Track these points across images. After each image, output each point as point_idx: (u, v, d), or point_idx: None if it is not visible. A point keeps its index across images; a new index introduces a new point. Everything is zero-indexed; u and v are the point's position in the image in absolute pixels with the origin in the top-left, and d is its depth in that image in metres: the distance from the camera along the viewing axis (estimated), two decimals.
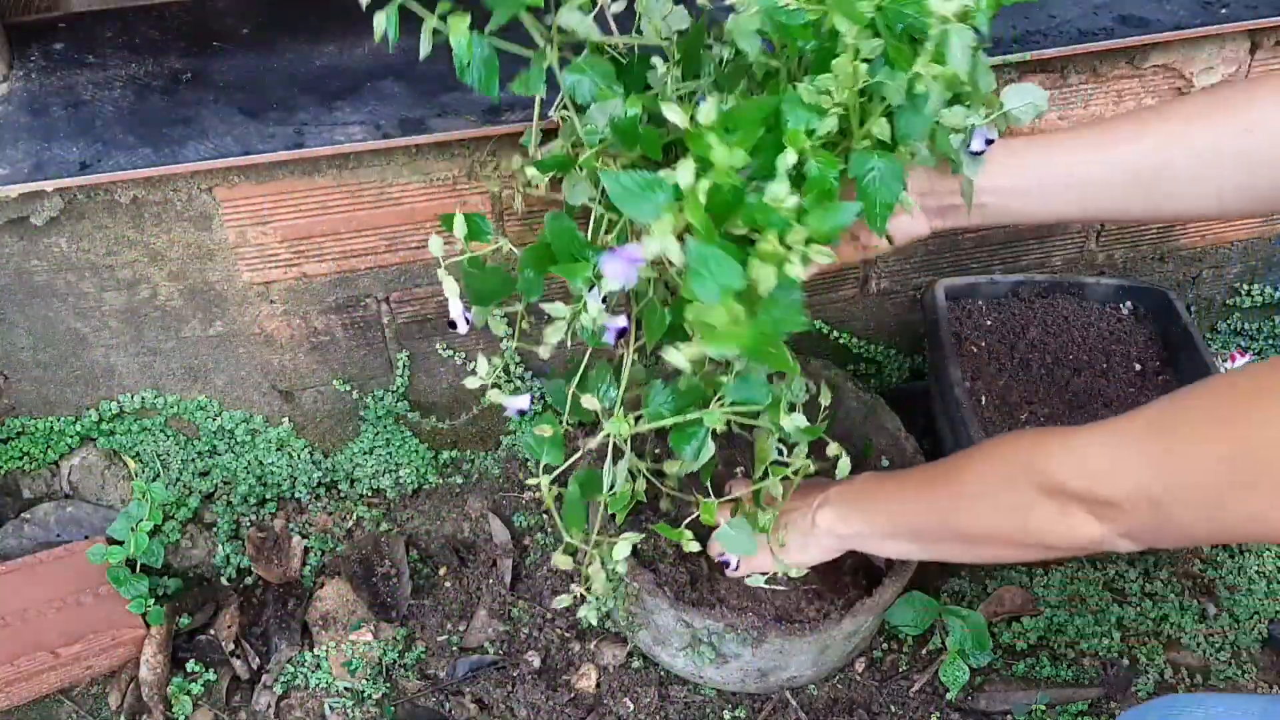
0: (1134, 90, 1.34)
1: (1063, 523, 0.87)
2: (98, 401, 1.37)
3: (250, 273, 1.27)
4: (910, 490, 1.06)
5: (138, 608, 1.30)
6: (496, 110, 1.19)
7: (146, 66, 1.24)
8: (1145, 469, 0.80)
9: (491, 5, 0.89)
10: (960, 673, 1.30)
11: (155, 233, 1.22)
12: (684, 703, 1.30)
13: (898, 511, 1.07)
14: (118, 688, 1.33)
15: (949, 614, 1.32)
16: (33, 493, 1.43)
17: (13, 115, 1.18)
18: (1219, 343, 1.65)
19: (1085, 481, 0.84)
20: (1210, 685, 1.33)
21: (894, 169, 0.87)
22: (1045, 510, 0.88)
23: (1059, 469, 0.86)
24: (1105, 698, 1.32)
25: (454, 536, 1.48)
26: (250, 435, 1.43)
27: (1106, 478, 0.83)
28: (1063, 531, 0.87)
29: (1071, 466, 0.85)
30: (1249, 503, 0.75)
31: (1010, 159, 0.96)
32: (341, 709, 1.31)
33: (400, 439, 1.47)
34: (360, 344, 1.38)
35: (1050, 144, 0.96)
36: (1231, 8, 1.29)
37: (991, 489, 0.94)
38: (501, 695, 1.31)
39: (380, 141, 1.16)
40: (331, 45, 1.26)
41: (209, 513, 1.45)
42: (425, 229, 1.27)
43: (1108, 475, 0.83)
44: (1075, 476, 0.85)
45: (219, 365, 1.36)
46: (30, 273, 1.22)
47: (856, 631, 1.20)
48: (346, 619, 1.38)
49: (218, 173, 1.17)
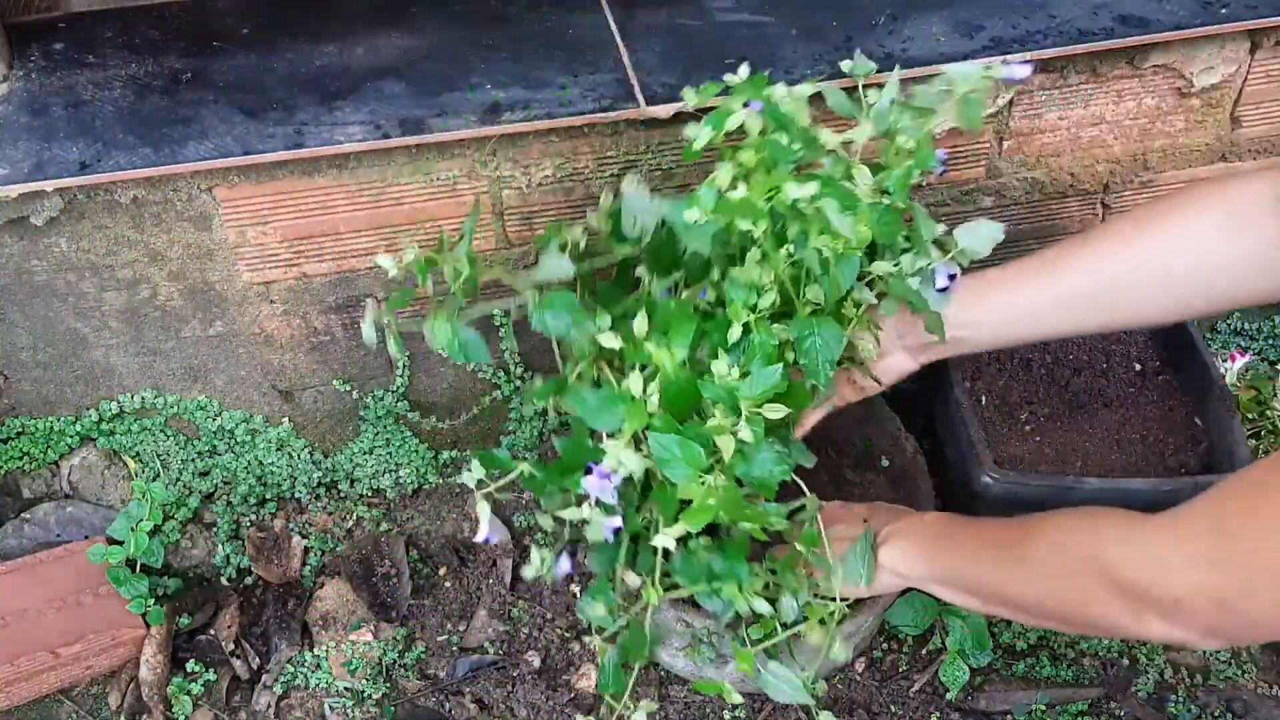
0: (1134, 90, 1.35)
1: (1132, 619, 0.83)
2: (98, 401, 1.37)
3: (250, 273, 1.27)
4: (979, 550, 1.02)
5: (138, 608, 1.30)
6: (496, 110, 1.19)
7: (146, 66, 1.24)
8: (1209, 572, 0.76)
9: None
10: (960, 673, 1.30)
11: (155, 233, 1.22)
12: (684, 703, 1.30)
13: (963, 567, 1.02)
14: (118, 688, 1.33)
15: (949, 614, 1.32)
16: (33, 493, 1.43)
17: (13, 115, 1.18)
18: (1219, 343, 1.64)
19: (1147, 581, 0.80)
20: (1210, 686, 1.33)
21: (831, 331, 0.97)
22: (1110, 605, 0.84)
23: (1124, 566, 0.82)
24: (1105, 698, 1.32)
25: (454, 536, 1.48)
26: (250, 435, 1.43)
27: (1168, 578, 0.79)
28: (1132, 627, 0.84)
29: (1134, 565, 0.82)
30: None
31: (977, 298, 1.04)
32: (341, 709, 1.31)
33: (400, 439, 1.47)
34: (360, 344, 1.38)
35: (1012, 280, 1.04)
36: (1231, 8, 1.29)
37: (1058, 573, 0.90)
38: (501, 695, 1.31)
39: (380, 141, 1.16)
40: (331, 45, 1.27)
41: (209, 513, 1.45)
42: (425, 229, 1.27)
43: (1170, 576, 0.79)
44: (1140, 575, 0.81)
45: (219, 365, 1.36)
46: (30, 273, 1.22)
47: (856, 631, 1.20)
48: (346, 619, 1.38)
49: (218, 173, 1.17)
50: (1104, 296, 1.01)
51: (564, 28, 1.29)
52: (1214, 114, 1.40)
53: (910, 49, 1.25)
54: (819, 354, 0.97)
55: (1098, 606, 0.86)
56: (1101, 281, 1.01)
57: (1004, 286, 1.05)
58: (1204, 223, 0.96)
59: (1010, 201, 1.43)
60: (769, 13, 1.30)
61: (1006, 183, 1.41)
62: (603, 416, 0.93)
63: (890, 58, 1.24)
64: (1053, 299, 1.03)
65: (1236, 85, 1.37)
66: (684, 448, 0.90)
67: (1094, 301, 1.02)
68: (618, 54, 1.25)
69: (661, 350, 0.93)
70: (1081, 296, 1.02)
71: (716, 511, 0.92)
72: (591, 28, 1.29)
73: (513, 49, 1.26)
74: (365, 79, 1.22)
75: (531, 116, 1.18)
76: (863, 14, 1.30)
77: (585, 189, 1.28)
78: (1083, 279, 1.02)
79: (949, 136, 1.33)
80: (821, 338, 0.97)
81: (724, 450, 0.92)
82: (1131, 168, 1.43)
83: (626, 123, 1.22)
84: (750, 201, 0.91)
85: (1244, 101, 1.39)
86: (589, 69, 1.23)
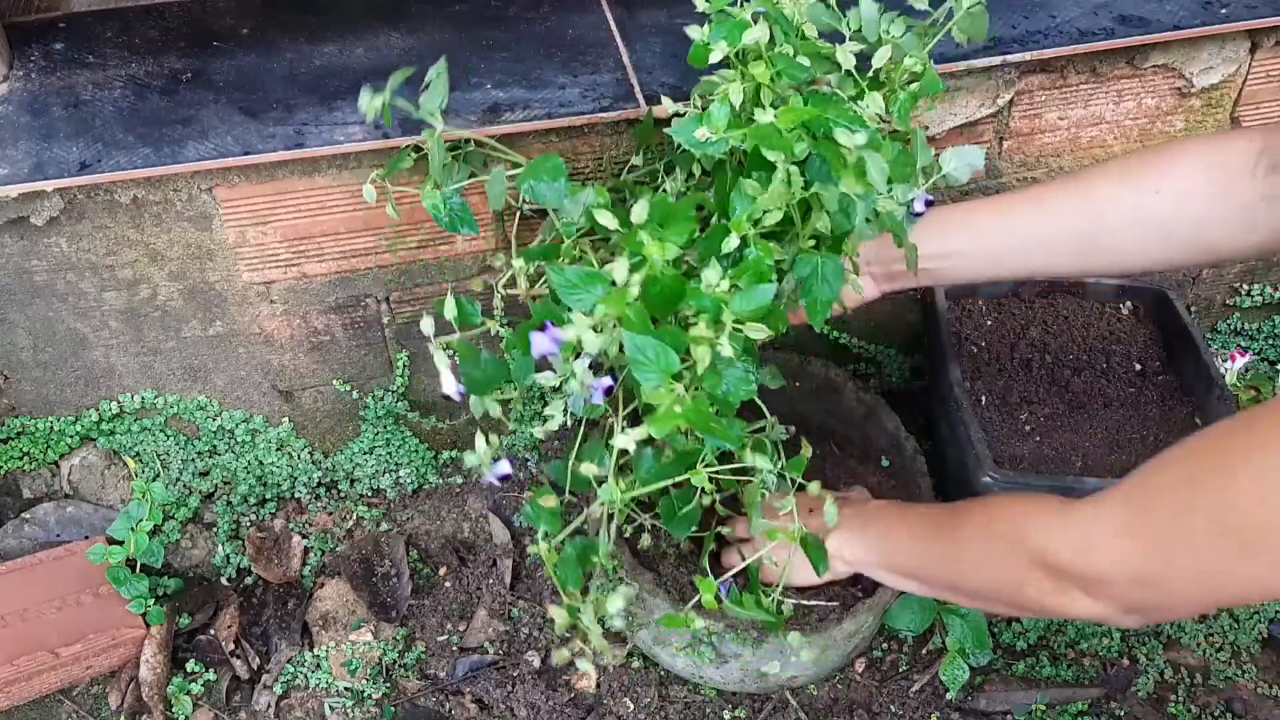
0: (1134, 90, 1.35)
1: (1058, 597, 0.85)
2: (98, 401, 1.37)
3: (250, 273, 1.27)
4: (915, 536, 1.05)
5: (138, 608, 1.30)
6: (496, 110, 1.19)
7: (146, 66, 1.24)
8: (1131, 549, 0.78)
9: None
10: (960, 673, 1.30)
11: (155, 233, 1.22)
12: (684, 703, 1.30)
13: (902, 555, 1.06)
14: (118, 688, 1.33)
15: (948, 614, 1.32)
16: (33, 493, 1.43)
17: (13, 115, 1.18)
18: (1219, 343, 1.65)
19: (1072, 560, 0.83)
20: (1210, 686, 1.33)
21: (834, 268, 0.93)
22: (1040, 584, 0.86)
23: (1048, 545, 0.84)
24: (1105, 698, 1.32)
25: (454, 536, 1.48)
26: (250, 435, 1.43)
27: (1092, 556, 0.81)
28: (1057, 605, 0.86)
29: (1061, 544, 0.84)
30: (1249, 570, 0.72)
31: (955, 229, 1.03)
32: (341, 709, 1.31)
33: (400, 439, 1.47)
34: (360, 344, 1.38)
35: (992, 207, 1.03)
36: (1231, 8, 1.29)
37: (989, 555, 0.93)
38: (501, 695, 1.31)
39: (380, 141, 1.16)
40: (331, 45, 1.27)
41: (209, 513, 1.45)
42: (425, 229, 1.27)
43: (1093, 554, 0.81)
44: (1064, 554, 0.83)
45: (219, 365, 1.36)
46: (30, 273, 1.22)
47: (856, 631, 1.20)
48: (346, 619, 1.38)
49: (218, 173, 1.17)
50: (1092, 238, 1.01)
51: (564, 28, 1.29)
52: (1214, 114, 1.40)
53: None
54: (820, 289, 0.94)
55: (1028, 587, 0.88)
56: (1090, 221, 1.00)
57: (985, 218, 1.04)
58: (1193, 175, 0.97)
59: None
60: None
61: (1006, 183, 1.41)
62: (579, 294, 0.87)
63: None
64: (1037, 235, 1.02)
65: (1236, 85, 1.37)
66: (659, 352, 0.85)
67: (1080, 242, 1.01)
68: (618, 54, 1.25)
69: (654, 243, 0.87)
70: (1068, 235, 1.01)
71: (683, 419, 0.87)
72: (591, 27, 1.29)
73: (513, 49, 1.26)
74: (365, 79, 1.22)
75: (531, 116, 1.18)
76: None
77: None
78: (1071, 218, 1.00)
79: (950, 136, 1.33)
80: (825, 273, 0.93)
81: (700, 362, 0.88)
82: None
83: (626, 123, 1.22)
84: (777, 130, 0.87)
85: (1244, 101, 1.39)
86: (589, 69, 1.23)
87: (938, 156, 1.01)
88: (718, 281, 0.88)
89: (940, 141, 1.33)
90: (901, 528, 1.07)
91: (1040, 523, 0.86)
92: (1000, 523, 0.92)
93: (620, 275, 0.86)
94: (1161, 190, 0.97)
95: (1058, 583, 0.85)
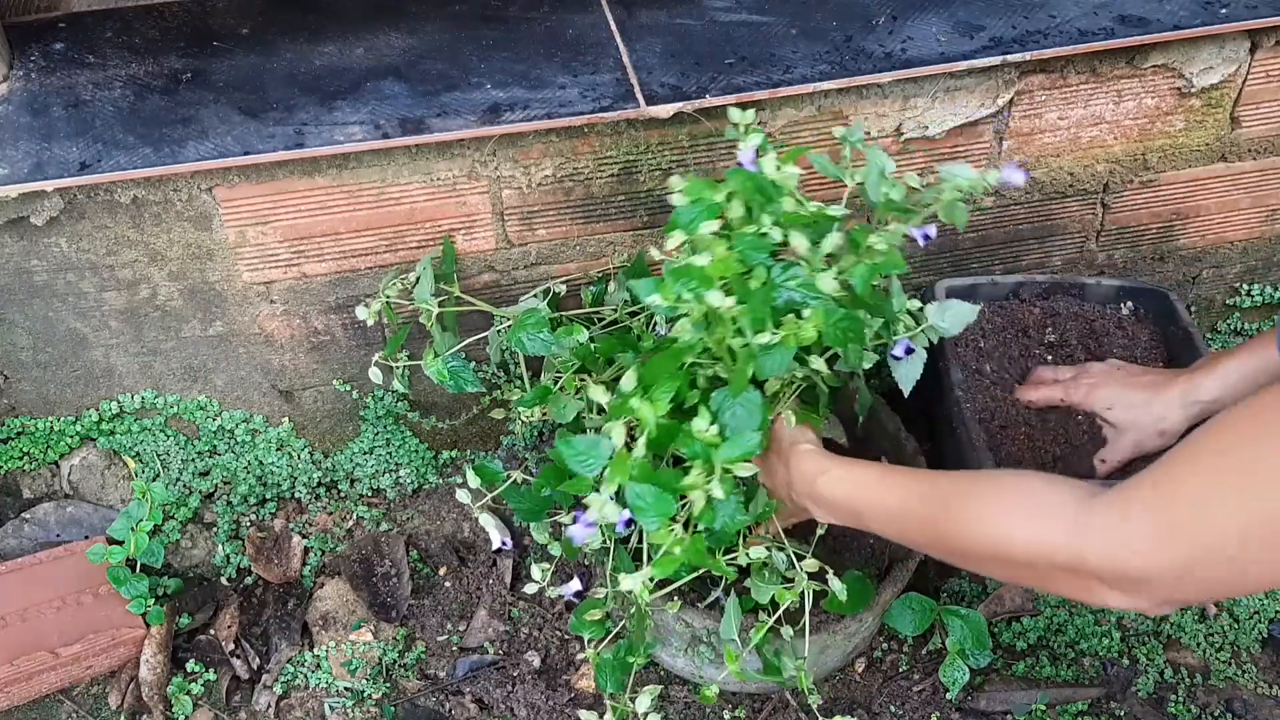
0: (1134, 90, 1.35)
1: (1086, 595, 0.84)
2: (98, 401, 1.37)
3: (250, 273, 1.27)
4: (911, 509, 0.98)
5: (138, 608, 1.30)
6: (496, 110, 1.19)
7: (146, 66, 1.24)
8: (1167, 547, 0.77)
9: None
10: (960, 673, 1.30)
11: (155, 233, 1.22)
12: (684, 703, 1.30)
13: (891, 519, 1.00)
14: (118, 688, 1.33)
15: (949, 614, 1.32)
16: (33, 493, 1.43)
17: (13, 115, 1.18)
18: (1219, 343, 1.65)
19: (1106, 564, 0.81)
20: (1210, 685, 1.33)
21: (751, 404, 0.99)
22: (1068, 583, 0.84)
23: (1077, 552, 0.82)
24: (1105, 698, 1.32)
25: (454, 536, 1.48)
26: (250, 435, 1.42)
27: (1127, 559, 0.79)
28: (1085, 598, 0.84)
29: (1091, 549, 0.81)
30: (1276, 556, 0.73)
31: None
32: (341, 709, 1.31)
33: (400, 439, 1.47)
34: (360, 344, 1.38)
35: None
36: (1231, 8, 1.29)
37: (1002, 562, 0.89)
38: (501, 695, 1.31)
39: (380, 141, 1.16)
40: (331, 45, 1.26)
41: (209, 513, 1.45)
42: (425, 229, 1.27)
43: (1128, 556, 0.79)
44: (1095, 559, 0.81)
45: (219, 365, 1.36)
46: (30, 273, 1.22)
47: (856, 631, 1.20)
48: (346, 619, 1.38)
49: (218, 173, 1.17)
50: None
51: (564, 27, 1.29)
52: (1214, 114, 1.40)
53: (910, 49, 1.25)
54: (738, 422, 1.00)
55: (1051, 584, 0.86)
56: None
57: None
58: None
59: (1010, 201, 1.43)
60: (769, 12, 1.30)
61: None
62: (587, 461, 0.98)
63: (890, 57, 1.24)
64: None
65: (1236, 85, 1.37)
66: (658, 498, 0.95)
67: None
68: (618, 54, 1.25)
69: (645, 405, 0.97)
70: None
71: (682, 560, 0.98)
72: (591, 27, 1.29)
73: (513, 49, 1.26)
74: (365, 79, 1.22)
75: (531, 116, 1.18)
76: (863, 14, 1.30)
77: (585, 189, 1.28)
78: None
79: (950, 136, 1.33)
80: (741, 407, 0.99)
81: (695, 504, 0.97)
82: (1131, 168, 1.43)
83: (626, 123, 1.22)
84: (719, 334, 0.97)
85: (1244, 101, 1.39)
86: (589, 69, 1.23)
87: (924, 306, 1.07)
88: (706, 428, 0.96)
89: (940, 141, 1.33)
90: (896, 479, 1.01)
91: (1064, 531, 0.83)
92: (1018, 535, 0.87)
93: (618, 440, 0.96)
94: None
95: (1086, 582, 0.83)
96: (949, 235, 1.44)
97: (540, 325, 1.09)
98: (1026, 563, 0.86)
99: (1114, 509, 0.81)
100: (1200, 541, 0.76)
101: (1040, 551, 0.85)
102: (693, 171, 1.28)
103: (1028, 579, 0.90)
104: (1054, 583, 0.86)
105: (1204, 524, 0.76)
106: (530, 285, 1.34)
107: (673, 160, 1.27)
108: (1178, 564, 0.78)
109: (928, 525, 0.95)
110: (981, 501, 0.91)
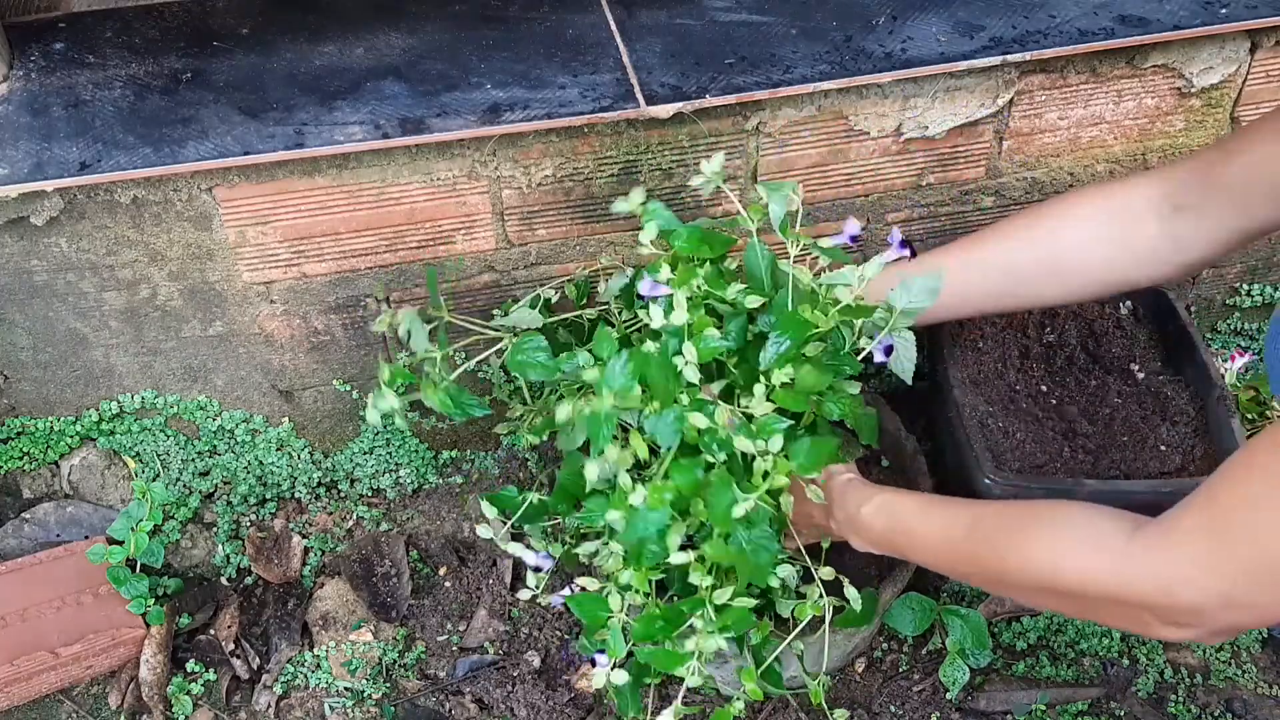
0: (1134, 90, 1.35)
1: (1138, 625, 0.84)
2: (98, 401, 1.37)
3: (250, 273, 1.27)
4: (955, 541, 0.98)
5: (138, 608, 1.30)
6: (496, 110, 1.19)
7: (146, 66, 1.24)
8: (1217, 577, 0.77)
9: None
10: (960, 673, 1.30)
11: (155, 233, 1.22)
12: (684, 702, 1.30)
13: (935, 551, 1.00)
14: (118, 688, 1.33)
15: (949, 614, 1.32)
16: (33, 493, 1.43)
17: (13, 115, 1.18)
18: (1219, 343, 1.65)
19: (1156, 598, 0.80)
20: (1210, 685, 1.33)
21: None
22: (1114, 614, 0.85)
23: (1126, 592, 0.82)
24: (1105, 698, 1.32)
25: (454, 536, 1.48)
26: (250, 435, 1.43)
27: (1177, 591, 0.79)
28: (1138, 629, 0.84)
29: (1138, 588, 0.81)
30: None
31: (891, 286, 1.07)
32: (341, 709, 1.31)
33: (400, 439, 1.47)
34: (360, 344, 1.38)
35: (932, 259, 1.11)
36: (1231, 8, 1.29)
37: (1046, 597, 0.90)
38: (501, 695, 1.31)
39: (380, 141, 1.16)
40: (331, 45, 1.27)
41: (209, 513, 1.45)
42: (425, 229, 1.27)
43: (1178, 589, 0.79)
44: (1145, 598, 0.81)
45: (219, 365, 1.36)
46: (30, 273, 1.22)
47: (857, 631, 1.20)
48: (346, 619, 1.38)
49: (218, 173, 1.17)
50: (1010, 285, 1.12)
51: (564, 27, 1.29)
52: (1214, 114, 1.40)
53: (910, 49, 1.25)
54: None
55: (1103, 616, 0.87)
56: (1006, 272, 1.11)
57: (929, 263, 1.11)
58: (1091, 224, 1.06)
59: (1010, 201, 1.43)
60: (769, 12, 1.30)
61: (1006, 182, 1.41)
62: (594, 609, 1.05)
63: (890, 57, 1.24)
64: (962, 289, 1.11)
65: (1236, 85, 1.37)
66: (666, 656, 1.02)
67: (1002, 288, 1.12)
68: (618, 54, 1.25)
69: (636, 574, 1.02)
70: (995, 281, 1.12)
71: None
72: (591, 27, 1.29)
73: (513, 49, 1.26)
74: (365, 79, 1.22)
75: (531, 116, 1.18)
76: (863, 14, 1.30)
77: (585, 189, 1.28)
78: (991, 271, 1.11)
79: (950, 136, 1.33)
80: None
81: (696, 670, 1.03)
82: (1131, 168, 1.43)
83: (626, 123, 1.22)
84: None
85: (1244, 101, 1.39)
86: (589, 69, 1.23)
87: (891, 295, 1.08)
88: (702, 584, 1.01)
89: (940, 141, 1.33)
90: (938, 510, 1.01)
91: (1108, 570, 0.83)
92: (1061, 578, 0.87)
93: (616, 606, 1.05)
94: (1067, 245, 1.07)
95: (1136, 612, 0.83)
96: (949, 237, 1.44)
97: (539, 348, 1.08)
98: (1075, 593, 0.85)
99: (1161, 537, 0.81)
100: (1250, 563, 0.75)
101: (1088, 581, 0.84)
102: (692, 171, 1.28)
103: (1077, 610, 0.89)
104: (1104, 613, 0.86)
105: (1252, 545, 0.75)
106: (530, 285, 1.34)
107: (673, 160, 1.27)
108: (1227, 593, 0.77)
109: (972, 557, 0.95)
110: (1026, 533, 0.90)
